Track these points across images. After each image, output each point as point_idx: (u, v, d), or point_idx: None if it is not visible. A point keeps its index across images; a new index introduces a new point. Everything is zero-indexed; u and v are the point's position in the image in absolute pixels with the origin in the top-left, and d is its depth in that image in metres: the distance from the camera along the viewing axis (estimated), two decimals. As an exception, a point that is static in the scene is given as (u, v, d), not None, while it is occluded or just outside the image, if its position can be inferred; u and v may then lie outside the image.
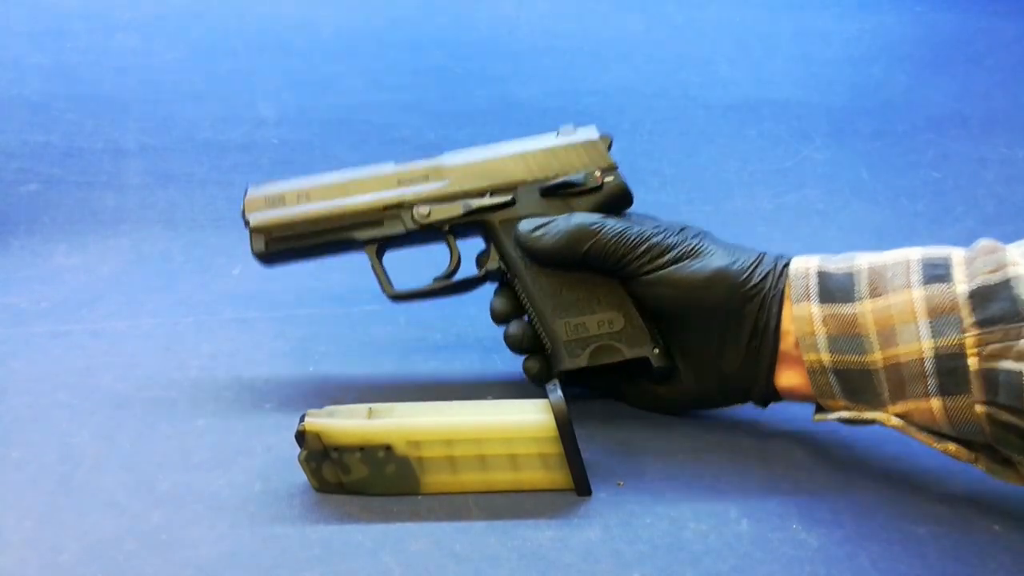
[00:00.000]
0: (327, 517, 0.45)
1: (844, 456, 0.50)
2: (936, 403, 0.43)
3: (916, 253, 0.45)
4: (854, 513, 0.45)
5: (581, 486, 0.46)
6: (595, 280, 0.53)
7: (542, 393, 0.46)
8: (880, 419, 0.46)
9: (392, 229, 0.56)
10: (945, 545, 0.42)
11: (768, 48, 1.00)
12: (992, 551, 0.42)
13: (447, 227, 0.56)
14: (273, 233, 0.57)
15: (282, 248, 0.57)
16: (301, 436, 0.45)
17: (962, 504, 0.45)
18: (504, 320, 0.56)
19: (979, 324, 0.41)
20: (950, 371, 0.42)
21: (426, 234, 0.57)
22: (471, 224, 0.56)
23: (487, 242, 0.57)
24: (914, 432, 0.45)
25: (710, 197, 0.90)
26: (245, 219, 0.57)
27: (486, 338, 0.66)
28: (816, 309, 0.46)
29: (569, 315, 0.53)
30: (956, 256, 0.44)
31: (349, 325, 0.69)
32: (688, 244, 0.50)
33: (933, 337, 0.42)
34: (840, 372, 0.46)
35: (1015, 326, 0.40)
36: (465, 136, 0.57)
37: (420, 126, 0.92)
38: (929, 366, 0.42)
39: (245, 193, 0.58)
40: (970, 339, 0.41)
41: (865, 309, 0.45)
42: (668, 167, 0.91)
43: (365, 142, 0.91)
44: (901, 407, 0.45)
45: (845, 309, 0.45)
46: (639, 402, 0.55)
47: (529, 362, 0.55)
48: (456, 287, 0.58)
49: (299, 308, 0.72)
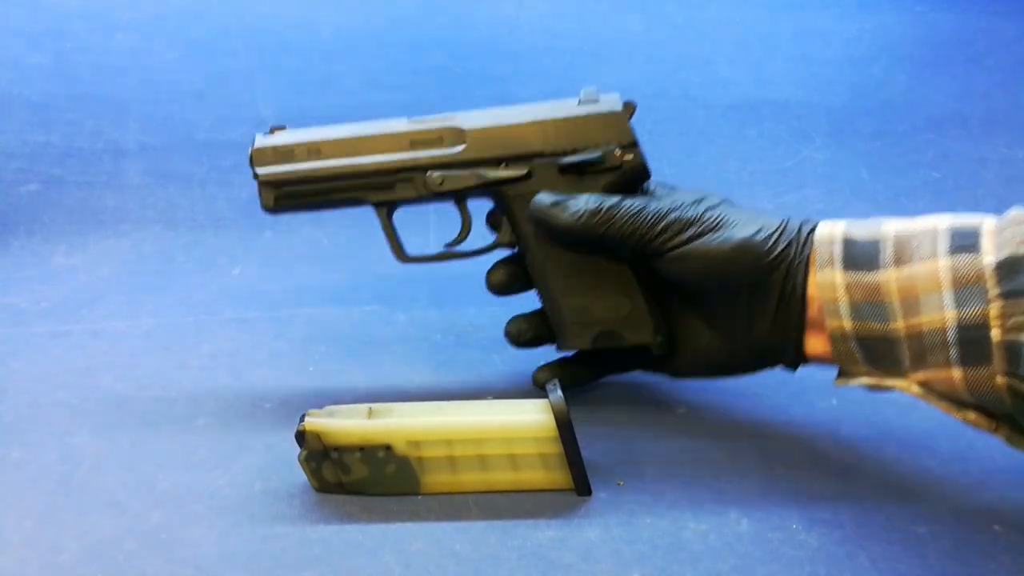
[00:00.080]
0: (327, 517, 0.45)
1: (844, 456, 0.50)
2: (957, 373, 0.42)
3: (945, 222, 0.44)
4: (854, 513, 0.45)
5: (581, 486, 0.46)
6: (605, 263, 0.53)
7: (542, 393, 0.46)
8: (901, 387, 0.46)
9: (404, 193, 0.56)
10: (945, 545, 0.42)
11: (768, 48, 1.00)
12: (992, 551, 0.42)
13: (460, 194, 0.56)
14: (282, 189, 0.56)
15: (291, 203, 0.56)
16: (301, 436, 0.45)
17: (962, 504, 0.45)
18: (499, 292, 0.56)
19: (1004, 296, 0.40)
20: (972, 342, 0.41)
21: (438, 198, 0.56)
22: (485, 192, 0.55)
23: (500, 212, 0.56)
24: (934, 400, 0.45)
25: (710, 197, 0.90)
26: (253, 170, 0.56)
27: (486, 338, 0.66)
28: (840, 276, 0.45)
29: (576, 296, 0.53)
30: (987, 225, 0.43)
31: (349, 325, 0.69)
32: (709, 217, 0.49)
33: (957, 307, 0.42)
34: (862, 339, 0.46)
35: None
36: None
37: (420, 126, 0.92)
38: (951, 336, 0.42)
39: (253, 142, 0.56)
40: (994, 310, 0.41)
41: (889, 277, 0.44)
42: (668, 167, 0.91)
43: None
44: (922, 375, 0.44)
45: (869, 277, 0.45)
46: (664, 368, 0.55)
47: (539, 373, 0.56)
48: (466, 255, 0.58)
49: (299, 308, 0.72)
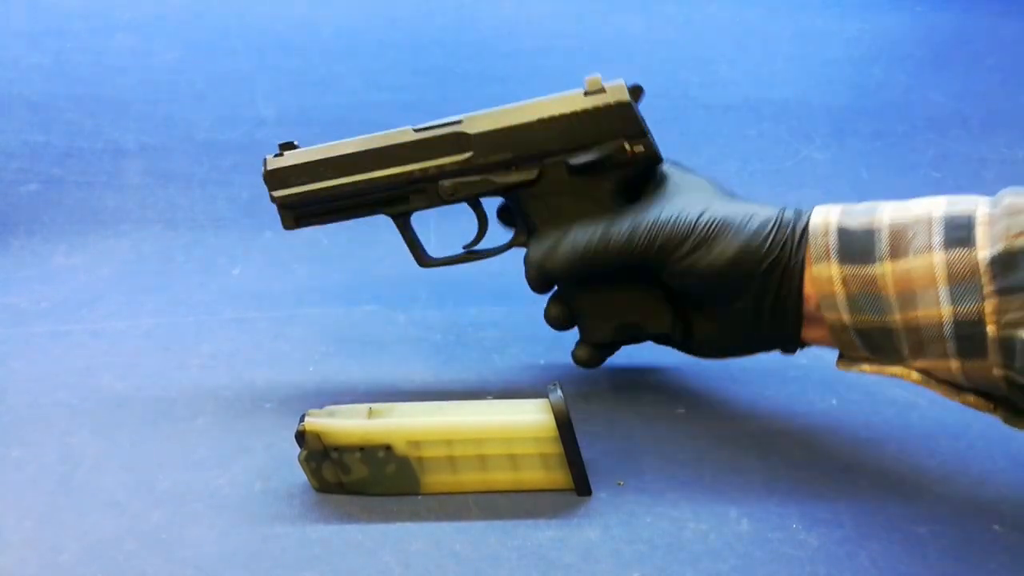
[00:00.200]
0: (327, 517, 0.45)
1: (844, 456, 0.50)
2: (955, 363, 0.43)
3: (940, 208, 0.44)
4: (854, 513, 0.45)
5: (581, 486, 0.46)
6: None
7: (542, 393, 0.46)
8: (900, 374, 0.46)
9: (418, 203, 0.56)
10: (945, 545, 0.42)
11: (768, 48, 1.00)
12: (992, 551, 0.42)
13: (473, 198, 0.56)
14: (299, 210, 0.57)
15: (310, 220, 0.58)
16: (301, 436, 0.45)
17: (962, 504, 0.45)
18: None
19: (999, 292, 0.41)
20: (968, 336, 0.42)
21: (452, 203, 0.56)
22: (497, 193, 0.56)
23: (514, 213, 0.57)
24: (934, 385, 0.45)
25: (710, 197, 0.90)
26: (270, 195, 0.57)
27: (486, 338, 0.66)
28: (836, 269, 0.46)
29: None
30: (980, 213, 0.43)
31: (349, 325, 0.69)
32: (704, 226, 0.49)
33: (952, 303, 0.42)
34: (860, 331, 0.46)
35: None
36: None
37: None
38: (948, 330, 0.42)
39: (264, 164, 0.57)
40: (989, 307, 0.41)
41: (885, 270, 0.44)
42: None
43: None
44: (921, 363, 0.45)
45: (865, 270, 0.45)
46: (681, 348, 0.56)
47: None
48: (486, 255, 0.58)
49: (299, 308, 0.72)
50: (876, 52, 1.00)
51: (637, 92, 0.54)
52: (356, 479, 0.46)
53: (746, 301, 0.49)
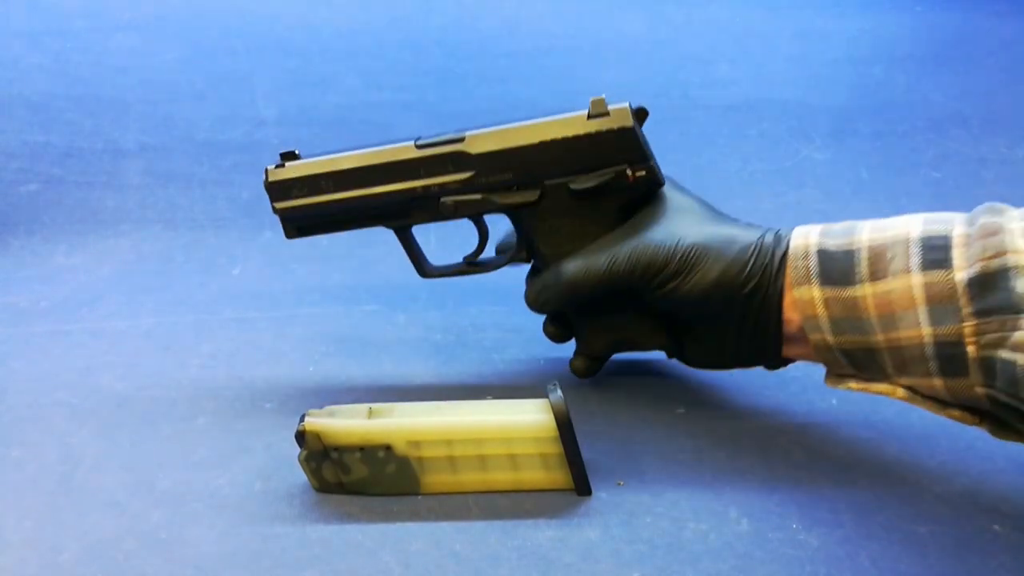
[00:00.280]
0: (327, 517, 0.45)
1: (844, 456, 0.50)
2: (938, 382, 0.44)
3: (916, 228, 0.45)
4: (854, 513, 0.45)
5: (581, 486, 0.46)
6: None
7: (542, 393, 0.46)
8: (886, 391, 0.47)
9: (419, 218, 0.57)
10: (945, 545, 0.42)
11: (768, 48, 1.00)
12: (992, 551, 0.42)
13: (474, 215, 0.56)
14: (300, 221, 0.58)
15: (311, 231, 0.59)
16: (301, 436, 0.45)
17: (962, 504, 0.45)
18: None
19: (976, 314, 0.41)
20: (949, 357, 0.42)
21: (453, 219, 0.57)
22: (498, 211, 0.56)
23: (515, 232, 0.57)
24: (920, 401, 0.46)
25: (710, 197, 0.89)
26: (272, 207, 0.58)
27: (486, 338, 0.66)
28: (817, 292, 0.46)
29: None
30: (956, 234, 0.43)
31: (349, 325, 0.69)
32: (682, 255, 0.50)
33: (932, 325, 0.43)
34: (844, 350, 0.47)
35: (1011, 317, 0.40)
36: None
37: (420, 126, 0.91)
38: (929, 350, 0.43)
39: (265, 175, 0.57)
40: (968, 328, 0.42)
41: (866, 293, 0.45)
42: (668, 167, 0.90)
43: (365, 142, 0.91)
44: (906, 381, 0.45)
45: (846, 292, 0.46)
46: (676, 357, 0.57)
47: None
48: (486, 269, 0.59)
49: (299, 308, 0.72)
50: (876, 52, 1.00)
51: (642, 115, 0.53)
52: (356, 479, 0.46)
53: (727, 324, 0.50)
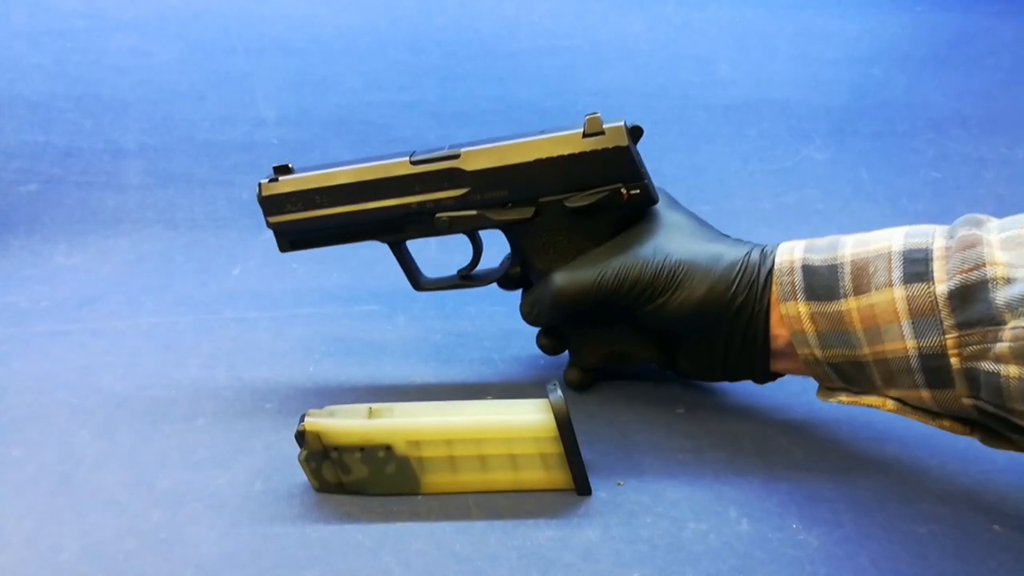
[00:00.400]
0: (327, 517, 0.45)
1: (844, 456, 0.50)
2: (925, 393, 0.44)
3: (898, 241, 0.45)
4: (854, 513, 0.45)
5: (581, 486, 0.46)
6: None
7: (542, 393, 0.46)
8: (876, 404, 0.47)
9: (414, 233, 0.57)
10: (945, 545, 0.42)
11: (768, 48, 1.00)
12: (992, 551, 0.42)
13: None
14: (294, 237, 0.58)
15: (306, 245, 0.59)
16: (301, 436, 0.45)
17: (962, 504, 0.45)
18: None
19: (958, 326, 0.42)
20: (934, 369, 0.43)
21: (448, 234, 0.57)
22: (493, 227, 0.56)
23: (511, 250, 0.58)
24: (909, 413, 0.46)
25: (710, 197, 0.90)
26: (266, 220, 0.57)
27: (486, 338, 0.66)
28: (804, 307, 0.47)
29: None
30: (937, 246, 0.44)
31: (349, 325, 0.69)
32: (668, 273, 0.50)
33: (916, 337, 0.43)
34: (832, 364, 0.47)
35: (992, 329, 0.40)
36: (465, 136, 0.57)
37: (420, 126, 0.92)
38: (914, 363, 0.43)
39: (259, 189, 0.57)
40: (950, 340, 0.42)
41: (850, 307, 0.45)
42: (668, 167, 0.91)
43: (365, 142, 0.91)
44: (895, 393, 0.46)
45: (831, 307, 0.46)
46: (668, 368, 0.57)
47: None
48: (479, 283, 0.59)
49: (299, 308, 0.72)
50: (876, 52, 1.00)
51: (637, 133, 0.53)
52: (356, 479, 0.46)
53: (715, 340, 0.51)
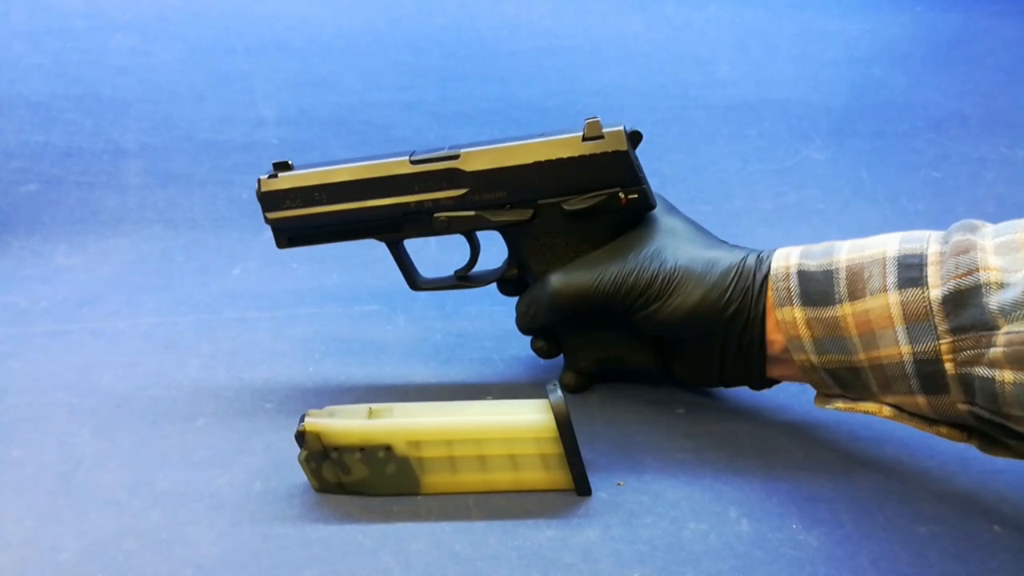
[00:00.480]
0: (327, 517, 0.45)
1: (844, 456, 0.50)
2: (921, 399, 0.44)
3: (893, 247, 0.45)
4: (854, 513, 0.45)
5: (581, 486, 0.46)
6: None
7: (542, 393, 0.46)
8: (872, 410, 0.47)
9: (412, 232, 0.57)
10: (945, 545, 0.42)
11: (768, 48, 1.00)
12: (992, 551, 0.42)
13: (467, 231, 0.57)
14: (292, 233, 0.58)
15: (303, 242, 0.59)
16: (301, 436, 0.45)
17: (962, 504, 0.45)
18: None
19: (952, 331, 0.42)
20: (929, 374, 0.43)
21: (446, 234, 0.57)
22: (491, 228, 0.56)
23: (508, 252, 0.58)
24: (906, 419, 0.46)
25: (710, 197, 0.90)
26: (264, 216, 0.57)
27: (486, 338, 0.66)
28: (799, 313, 0.47)
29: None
30: (931, 252, 0.44)
31: (349, 325, 0.69)
32: (664, 279, 0.50)
33: (911, 343, 0.43)
34: (829, 370, 0.47)
35: (986, 334, 0.40)
36: (465, 136, 0.57)
37: (420, 126, 0.92)
38: (909, 369, 0.43)
39: (258, 185, 0.57)
40: (944, 345, 0.42)
41: (845, 312, 0.45)
42: (668, 167, 0.91)
43: (365, 142, 0.91)
44: (891, 399, 0.46)
45: (827, 312, 0.46)
46: (664, 374, 0.57)
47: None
48: (476, 284, 0.59)
49: (299, 308, 0.72)
50: (876, 52, 1.00)
51: (636, 138, 0.53)
52: (356, 479, 0.46)
53: (711, 345, 0.51)
